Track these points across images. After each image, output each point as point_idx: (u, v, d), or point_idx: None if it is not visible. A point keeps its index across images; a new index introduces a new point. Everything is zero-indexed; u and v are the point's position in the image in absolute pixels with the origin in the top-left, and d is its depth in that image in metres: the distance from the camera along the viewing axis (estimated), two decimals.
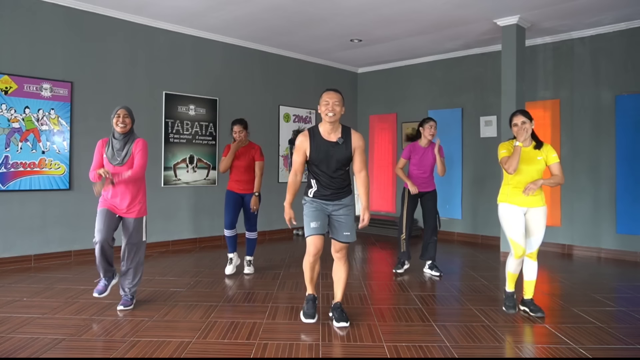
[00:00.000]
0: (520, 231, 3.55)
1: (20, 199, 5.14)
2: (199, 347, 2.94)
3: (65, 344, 2.97)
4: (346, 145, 3.25)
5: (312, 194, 3.33)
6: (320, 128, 3.29)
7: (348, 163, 3.31)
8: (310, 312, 3.39)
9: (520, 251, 3.57)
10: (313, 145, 3.24)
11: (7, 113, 5.04)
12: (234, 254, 4.98)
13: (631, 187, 5.88)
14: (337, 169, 3.27)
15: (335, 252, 3.39)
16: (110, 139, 3.67)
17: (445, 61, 7.67)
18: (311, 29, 6.44)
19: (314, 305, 3.42)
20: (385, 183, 8.45)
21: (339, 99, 3.22)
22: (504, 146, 3.63)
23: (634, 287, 4.55)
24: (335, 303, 3.43)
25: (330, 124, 3.23)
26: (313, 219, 3.27)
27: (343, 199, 3.33)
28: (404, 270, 5.06)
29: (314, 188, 3.32)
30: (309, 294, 3.45)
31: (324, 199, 3.30)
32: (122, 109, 3.64)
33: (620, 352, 2.95)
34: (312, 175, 3.34)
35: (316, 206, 3.31)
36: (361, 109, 8.90)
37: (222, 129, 6.80)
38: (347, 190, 3.36)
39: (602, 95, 6.15)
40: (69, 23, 5.45)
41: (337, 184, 3.29)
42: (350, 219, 3.35)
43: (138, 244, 3.72)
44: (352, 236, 3.34)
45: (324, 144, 3.24)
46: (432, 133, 4.91)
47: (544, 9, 5.52)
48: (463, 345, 3.02)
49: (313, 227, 3.26)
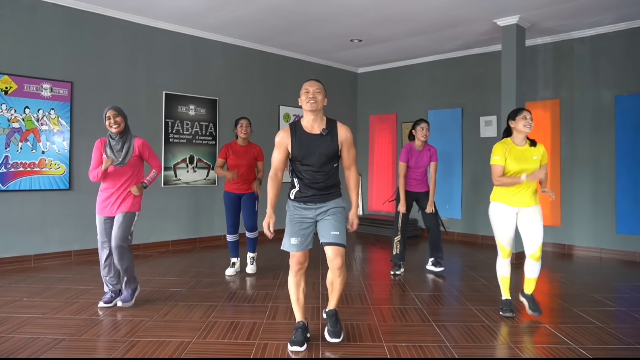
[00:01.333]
0: (508, 233, 3.53)
1: (20, 199, 5.14)
2: (199, 347, 2.94)
3: (65, 344, 2.97)
4: (331, 137, 2.92)
5: (294, 195, 3.00)
6: (303, 122, 2.97)
7: (335, 157, 2.96)
8: (299, 339, 2.92)
9: (506, 253, 3.58)
10: (294, 140, 2.91)
11: (7, 113, 5.04)
12: (237, 259, 5.00)
13: (631, 187, 5.88)
14: (323, 164, 2.92)
15: (329, 261, 2.97)
16: (108, 139, 3.69)
17: (445, 61, 7.67)
18: (311, 29, 6.44)
19: (303, 333, 2.97)
20: (385, 183, 8.45)
21: (320, 87, 2.93)
22: (498, 151, 3.51)
23: (634, 287, 4.55)
24: (329, 310, 3.10)
25: (313, 115, 2.92)
26: (293, 234, 2.95)
27: (328, 201, 2.97)
28: (402, 272, 5.04)
29: (296, 188, 3.00)
30: (299, 321, 3.02)
31: (307, 201, 2.95)
32: (111, 109, 3.63)
33: (620, 352, 2.95)
34: (295, 173, 3.00)
35: (298, 218, 2.97)
36: (361, 109, 8.89)
37: (222, 129, 6.80)
38: (334, 193, 3.01)
39: (602, 95, 6.15)
40: (69, 23, 5.45)
41: (321, 184, 2.94)
42: (338, 219, 2.96)
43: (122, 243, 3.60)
44: (341, 237, 2.93)
45: (306, 137, 2.92)
46: (424, 134, 4.92)
47: (544, 9, 5.52)
48: (463, 345, 3.01)
49: (293, 244, 2.95)
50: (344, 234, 2.96)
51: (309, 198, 2.95)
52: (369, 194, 8.70)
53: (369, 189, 8.70)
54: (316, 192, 2.95)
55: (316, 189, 2.95)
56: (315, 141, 2.92)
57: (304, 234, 2.96)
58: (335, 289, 3.04)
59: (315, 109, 2.90)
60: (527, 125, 3.48)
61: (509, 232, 3.54)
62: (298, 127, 2.96)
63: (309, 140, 2.91)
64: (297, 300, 3.03)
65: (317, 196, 2.95)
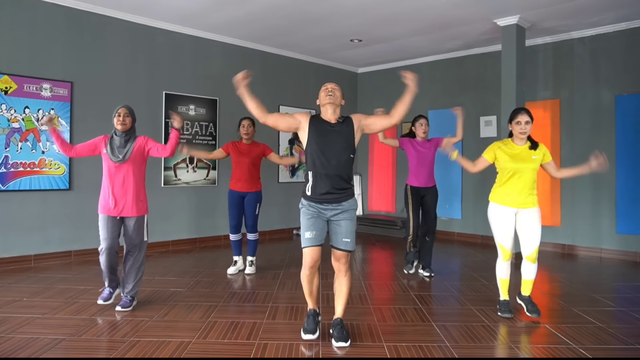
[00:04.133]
0: (508, 234, 3.52)
1: (20, 199, 5.14)
2: (199, 347, 2.94)
3: (65, 344, 2.97)
4: (347, 125, 3.03)
5: (309, 190, 3.01)
6: (321, 114, 3.12)
7: (349, 147, 3.01)
8: (311, 327, 3.10)
9: (507, 255, 3.56)
10: (312, 125, 3.02)
11: (7, 113, 5.04)
12: (239, 257, 5.02)
13: (631, 187, 5.88)
14: (338, 152, 2.98)
15: (335, 261, 3.08)
16: (112, 136, 3.69)
17: (445, 61, 7.67)
18: (311, 29, 6.44)
19: (314, 320, 3.14)
20: (385, 183, 8.45)
21: (338, 86, 3.11)
22: (491, 147, 3.64)
23: (634, 287, 4.55)
24: (335, 319, 3.12)
25: (331, 108, 3.04)
26: (308, 229, 3.00)
27: (343, 202, 3.02)
28: (415, 269, 5.04)
29: (310, 182, 3.02)
30: (310, 309, 3.19)
31: (323, 201, 2.99)
32: (123, 107, 3.67)
33: (620, 352, 2.95)
34: (309, 166, 3.04)
35: (312, 212, 3.02)
36: (361, 109, 8.89)
37: (222, 129, 6.80)
38: (348, 193, 3.04)
39: (602, 95, 6.15)
40: (69, 23, 5.45)
41: (336, 177, 2.97)
42: (351, 225, 3.04)
43: (139, 245, 3.72)
44: (351, 244, 3.04)
45: (323, 125, 3.03)
46: (424, 130, 4.91)
47: (544, 9, 5.52)
48: (463, 345, 3.01)
49: (308, 238, 3.00)
50: (354, 239, 3.08)
51: (324, 197, 2.99)
52: (369, 194, 8.70)
53: (369, 189, 8.70)
54: (331, 188, 2.97)
55: (331, 184, 2.97)
56: (333, 128, 3.03)
57: (319, 228, 3.02)
58: (342, 291, 3.12)
59: (333, 102, 3.02)
60: (522, 132, 3.49)
61: (508, 233, 3.53)
62: (316, 117, 3.10)
63: (325, 128, 3.03)
64: (310, 292, 3.15)
65: (332, 193, 2.98)
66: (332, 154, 2.97)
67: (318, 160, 2.98)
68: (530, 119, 3.50)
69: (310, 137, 3.01)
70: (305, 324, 3.14)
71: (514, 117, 3.55)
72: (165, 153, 3.70)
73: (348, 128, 3.03)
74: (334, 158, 2.97)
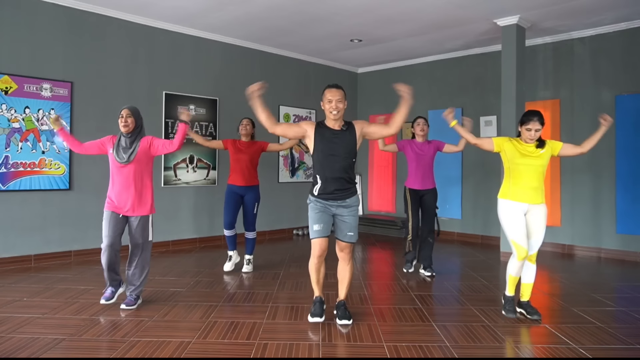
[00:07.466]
0: (521, 230, 3.48)
1: (20, 199, 5.14)
2: (199, 347, 2.94)
3: (65, 344, 2.97)
4: (350, 132, 3.30)
5: (317, 191, 3.32)
6: (325, 122, 3.38)
7: (352, 152, 3.30)
8: (317, 312, 3.41)
9: (523, 252, 3.48)
10: (318, 132, 3.29)
11: (7, 113, 5.04)
12: (233, 252, 5.05)
13: (631, 187, 5.88)
14: (342, 158, 3.26)
15: (339, 251, 3.45)
16: (119, 136, 3.70)
17: (445, 61, 7.67)
18: (311, 29, 6.44)
19: (321, 306, 3.46)
20: (385, 183, 8.45)
21: (342, 95, 3.29)
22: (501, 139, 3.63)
23: (634, 287, 4.55)
24: (339, 301, 3.48)
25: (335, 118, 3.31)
26: (316, 222, 3.32)
27: (348, 199, 3.33)
28: (414, 268, 5.06)
29: (318, 184, 3.32)
30: (316, 296, 3.50)
31: (329, 198, 3.30)
32: (126, 109, 3.68)
33: (620, 352, 2.95)
34: (317, 170, 3.34)
35: (320, 207, 3.33)
36: (361, 109, 8.89)
37: (222, 129, 6.80)
38: (352, 191, 3.36)
39: (602, 95, 6.15)
40: (69, 23, 5.45)
41: (341, 179, 3.28)
42: (355, 220, 3.38)
43: (143, 244, 3.72)
44: (355, 237, 3.40)
45: (328, 131, 3.30)
46: (422, 129, 4.92)
47: (543, 9, 5.52)
48: (463, 345, 3.02)
49: (316, 230, 3.32)
50: (356, 232, 3.42)
51: (331, 195, 3.30)
52: (369, 194, 8.70)
53: (369, 189, 8.70)
54: (338, 189, 3.29)
55: (337, 185, 3.28)
56: (337, 135, 3.30)
57: (326, 221, 3.34)
58: (345, 277, 3.46)
59: (338, 118, 3.31)
60: (530, 138, 3.47)
61: (521, 229, 3.48)
62: (321, 124, 3.37)
63: (331, 134, 3.30)
64: (317, 281, 3.48)
65: (338, 192, 3.29)
66: (337, 159, 3.27)
67: (324, 165, 3.28)
68: (541, 125, 3.43)
69: (316, 144, 3.30)
70: (312, 309, 3.45)
71: (526, 122, 3.47)
72: (172, 147, 3.72)
73: (351, 135, 3.30)
74: (338, 162, 3.27)
